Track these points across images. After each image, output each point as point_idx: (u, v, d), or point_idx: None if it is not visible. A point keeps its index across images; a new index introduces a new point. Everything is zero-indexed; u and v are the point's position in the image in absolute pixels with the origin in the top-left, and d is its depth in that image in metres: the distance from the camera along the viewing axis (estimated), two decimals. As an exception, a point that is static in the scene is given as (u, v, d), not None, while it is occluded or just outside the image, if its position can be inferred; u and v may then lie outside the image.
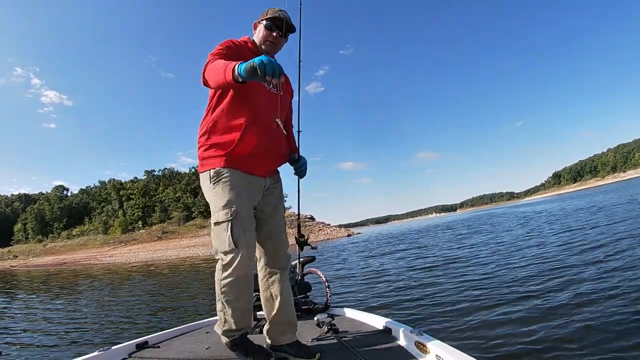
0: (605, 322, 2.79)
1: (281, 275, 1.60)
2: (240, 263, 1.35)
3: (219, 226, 1.40)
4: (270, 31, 1.58)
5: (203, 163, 1.52)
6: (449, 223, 30.13)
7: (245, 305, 1.44)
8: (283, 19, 1.57)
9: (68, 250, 47.54)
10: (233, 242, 1.35)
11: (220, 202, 1.41)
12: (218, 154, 1.48)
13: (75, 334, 4.60)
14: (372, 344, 1.57)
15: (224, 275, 1.37)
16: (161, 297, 7.54)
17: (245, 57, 1.47)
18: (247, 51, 1.57)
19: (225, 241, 1.36)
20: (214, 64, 1.30)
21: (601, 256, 5.28)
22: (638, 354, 2.25)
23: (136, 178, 62.90)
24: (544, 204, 38.64)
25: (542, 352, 2.45)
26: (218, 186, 1.44)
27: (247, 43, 1.61)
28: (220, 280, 1.39)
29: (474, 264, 6.56)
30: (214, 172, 1.46)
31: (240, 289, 1.39)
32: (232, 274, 1.36)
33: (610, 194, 27.00)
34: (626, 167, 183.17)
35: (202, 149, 1.52)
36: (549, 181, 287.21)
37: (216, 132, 1.49)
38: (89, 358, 1.58)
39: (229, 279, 1.37)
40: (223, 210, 1.39)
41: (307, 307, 2.32)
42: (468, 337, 2.89)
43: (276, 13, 1.58)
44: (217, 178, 1.45)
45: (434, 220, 72.19)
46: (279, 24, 1.58)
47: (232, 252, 1.36)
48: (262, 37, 1.59)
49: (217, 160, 1.48)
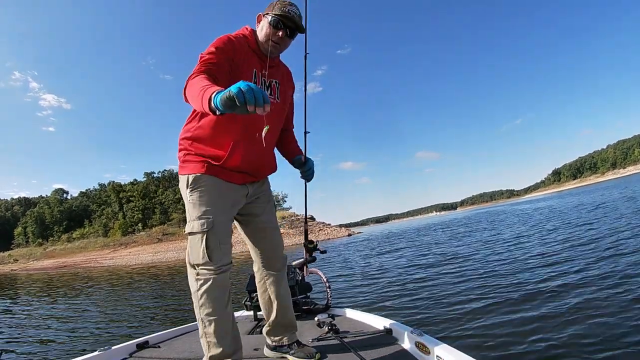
0: (606, 321, 2.78)
1: (277, 277, 1.57)
2: (215, 278, 1.28)
3: (194, 237, 1.31)
4: (275, 29, 1.39)
5: (183, 166, 1.42)
6: (449, 221, 30.14)
7: (227, 320, 1.32)
8: (292, 17, 1.39)
9: (68, 254, 47.50)
10: (207, 256, 1.27)
11: (196, 212, 1.32)
12: (199, 160, 1.38)
13: (75, 334, 4.61)
14: (372, 345, 1.57)
15: (199, 289, 1.29)
16: (162, 297, 7.54)
17: (243, 59, 1.38)
18: (245, 50, 1.41)
19: (199, 253, 1.28)
20: (194, 82, 1.12)
21: (603, 254, 5.28)
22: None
23: (136, 180, 62.90)
24: (544, 201, 38.66)
25: (543, 352, 2.45)
26: (195, 194, 1.35)
27: (248, 38, 1.44)
28: (196, 292, 1.30)
29: (474, 263, 6.56)
30: (193, 179, 1.36)
31: (217, 303, 1.29)
32: (208, 288, 1.28)
33: (611, 190, 27.01)
34: (626, 163, 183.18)
35: (184, 152, 1.42)
36: (548, 178, 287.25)
37: (201, 141, 1.38)
38: (90, 358, 1.58)
39: (205, 293, 1.28)
40: (199, 221, 1.30)
41: (308, 307, 2.32)
42: (469, 337, 2.89)
43: (285, 8, 1.39)
44: (195, 185, 1.36)
45: (435, 218, 72.26)
46: (286, 22, 1.39)
47: (207, 265, 1.28)
48: (265, 34, 1.40)
49: (197, 166, 1.38)
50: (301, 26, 1.44)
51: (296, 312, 2.27)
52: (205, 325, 1.29)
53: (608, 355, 2.28)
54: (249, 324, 2.20)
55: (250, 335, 1.99)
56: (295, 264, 2.43)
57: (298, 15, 1.42)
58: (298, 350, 1.53)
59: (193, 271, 1.31)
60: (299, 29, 1.44)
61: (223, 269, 1.30)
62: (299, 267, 2.42)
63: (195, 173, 1.36)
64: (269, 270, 1.57)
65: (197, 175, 1.36)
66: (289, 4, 1.41)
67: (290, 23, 1.39)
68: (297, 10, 1.43)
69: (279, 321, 1.58)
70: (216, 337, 1.29)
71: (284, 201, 49.61)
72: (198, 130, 1.38)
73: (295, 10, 1.41)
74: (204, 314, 1.29)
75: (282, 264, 1.60)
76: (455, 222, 27.65)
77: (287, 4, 1.40)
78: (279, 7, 1.39)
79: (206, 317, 1.29)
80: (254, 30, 1.47)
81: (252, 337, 1.95)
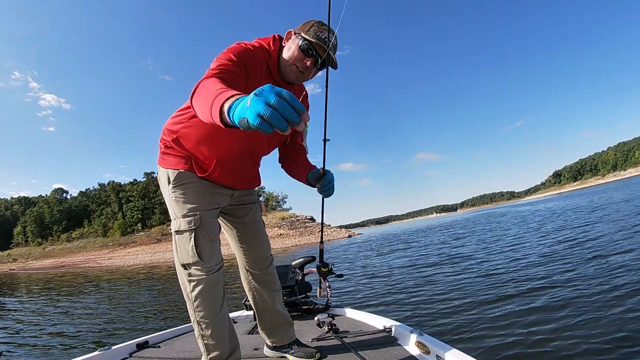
0: (608, 321, 2.77)
1: (263, 276, 1.53)
2: (209, 278, 1.23)
3: (181, 235, 1.23)
4: (304, 55, 1.21)
5: (164, 158, 1.33)
6: (449, 223, 30.11)
7: (223, 320, 1.29)
8: (327, 48, 1.18)
9: (67, 253, 47.24)
10: (197, 254, 1.21)
11: (182, 209, 1.25)
12: (183, 154, 1.30)
13: (75, 334, 4.60)
14: (372, 344, 1.57)
15: (193, 291, 1.24)
16: (161, 297, 7.52)
17: (258, 81, 1.20)
18: (262, 70, 1.22)
19: (188, 252, 1.22)
20: (205, 84, 0.93)
21: (604, 254, 5.26)
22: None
23: (136, 180, 62.79)
24: (545, 203, 38.61)
25: (544, 352, 2.44)
26: (178, 190, 1.27)
27: (271, 55, 1.25)
28: (189, 294, 1.25)
29: (475, 263, 6.55)
30: (176, 175, 1.28)
31: (213, 304, 1.25)
32: (202, 289, 1.23)
33: (611, 192, 26.99)
34: (626, 165, 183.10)
35: (166, 145, 1.32)
36: (549, 180, 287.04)
37: (186, 143, 1.28)
38: (90, 358, 1.58)
39: (199, 295, 1.23)
40: (186, 219, 1.23)
41: (308, 307, 2.32)
42: (469, 337, 2.88)
43: (322, 34, 1.18)
44: (178, 182, 1.27)
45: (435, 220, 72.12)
46: (320, 51, 1.19)
47: (198, 264, 1.22)
48: (291, 56, 1.22)
49: (180, 162, 1.29)
50: (335, 60, 1.23)
51: (296, 312, 2.29)
52: (202, 327, 1.26)
53: (612, 354, 2.27)
54: (249, 324, 2.20)
55: (250, 335, 1.99)
56: (295, 264, 2.43)
57: (334, 45, 1.20)
58: (298, 350, 1.53)
59: (184, 271, 1.25)
60: (331, 63, 1.23)
61: (215, 268, 1.26)
62: (298, 267, 2.42)
63: (178, 169, 1.29)
64: (254, 270, 1.52)
65: (180, 171, 1.28)
66: (327, 29, 1.20)
67: (323, 53, 1.19)
68: (335, 40, 1.20)
69: (273, 321, 1.56)
70: (213, 338, 1.26)
71: (283, 202, 49.39)
72: (186, 129, 1.26)
73: (333, 41, 1.19)
74: (199, 317, 1.25)
75: (268, 263, 1.55)
76: (455, 223, 27.64)
77: (324, 28, 1.19)
78: (315, 30, 1.19)
79: (202, 320, 1.25)
80: (282, 46, 1.27)
81: (252, 337, 1.95)
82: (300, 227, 32.28)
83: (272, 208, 44.09)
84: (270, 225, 31.75)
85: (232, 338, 1.34)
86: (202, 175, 1.29)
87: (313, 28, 1.19)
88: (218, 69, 1.05)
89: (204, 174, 1.30)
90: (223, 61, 1.09)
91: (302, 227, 32.24)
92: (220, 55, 1.13)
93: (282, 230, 31.86)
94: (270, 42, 1.27)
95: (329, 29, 1.21)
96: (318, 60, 1.21)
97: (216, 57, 1.14)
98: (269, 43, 1.27)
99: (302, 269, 2.43)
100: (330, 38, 1.19)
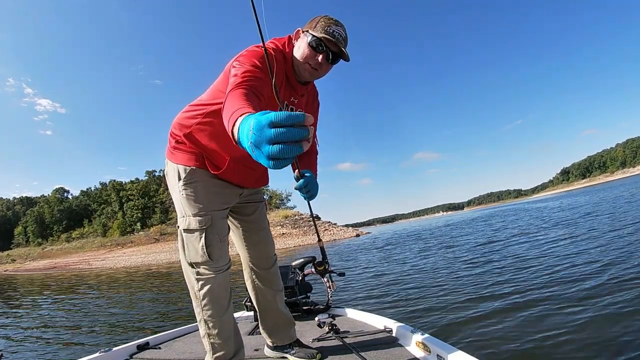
0: (609, 321, 2.73)
1: (266, 275, 1.53)
2: (217, 277, 1.24)
3: (191, 234, 1.24)
4: (315, 52, 1.20)
5: (174, 153, 1.32)
6: (456, 222, 29.82)
7: (229, 320, 1.31)
8: (336, 40, 1.17)
9: (64, 254, 46.68)
10: (207, 254, 1.22)
11: (193, 208, 1.25)
12: (195, 151, 1.29)
13: (75, 335, 4.60)
14: (373, 345, 1.57)
15: (201, 289, 1.25)
16: (161, 298, 7.55)
17: (280, 83, 1.21)
18: (282, 75, 1.22)
19: (198, 251, 1.23)
20: (231, 99, 0.90)
21: (609, 254, 5.17)
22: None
23: (137, 179, 62.38)
24: (553, 200, 38.12)
25: (545, 352, 2.40)
26: (189, 188, 1.26)
27: (286, 58, 1.25)
28: (197, 292, 1.26)
29: (476, 263, 6.47)
30: (188, 171, 1.27)
31: (220, 304, 1.27)
32: (210, 289, 1.24)
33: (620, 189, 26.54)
34: (635, 162, 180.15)
35: (177, 140, 1.31)
36: (557, 178, 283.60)
37: (200, 139, 1.28)
38: (90, 359, 1.58)
39: (207, 294, 1.24)
40: (196, 217, 1.23)
41: (308, 308, 2.32)
42: (469, 337, 2.85)
43: (329, 28, 1.17)
44: (190, 179, 1.27)
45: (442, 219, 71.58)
46: (329, 45, 1.18)
47: (207, 263, 1.23)
48: (302, 55, 1.21)
49: (191, 158, 1.29)
50: (346, 53, 1.20)
51: (296, 312, 2.28)
52: (209, 326, 1.27)
53: (613, 354, 2.22)
54: (250, 325, 2.20)
55: (251, 335, 1.99)
56: (295, 264, 2.42)
57: (344, 38, 1.19)
58: (299, 351, 1.53)
59: (192, 270, 1.26)
60: (342, 55, 1.22)
61: (224, 268, 1.27)
62: (299, 267, 2.41)
63: (190, 165, 1.28)
64: (258, 268, 1.52)
65: (192, 168, 1.28)
66: (334, 22, 1.19)
67: (333, 47, 1.19)
68: (344, 32, 1.20)
69: (274, 320, 1.56)
70: (220, 337, 1.28)
71: (287, 200, 48.84)
72: (201, 126, 1.26)
73: (342, 32, 1.19)
74: (206, 315, 1.26)
75: (272, 262, 1.55)
76: (462, 222, 27.36)
77: (332, 22, 1.19)
78: (322, 25, 1.18)
79: (209, 319, 1.26)
80: (293, 50, 1.26)
81: (252, 337, 1.94)
82: (304, 226, 31.33)
83: (276, 206, 43.17)
84: (273, 224, 30.74)
85: (237, 338, 1.35)
86: (214, 172, 1.30)
87: (320, 23, 1.19)
88: (244, 77, 1.02)
89: (217, 172, 1.30)
90: (248, 67, 1.06)
91: (306, 226, 31.17)
92: (242, 60, 1.10)
93: (285, 229, 30.88)
94: (286, 43, 1.27)
95: (336, 22, 1.20)
96: (329, 55, 1.20)
97: (237, 60, 1.11)
98: (284, 44, 1.27)
99: (303, 270, 2.42)
100: (339, 31, 1.18)
